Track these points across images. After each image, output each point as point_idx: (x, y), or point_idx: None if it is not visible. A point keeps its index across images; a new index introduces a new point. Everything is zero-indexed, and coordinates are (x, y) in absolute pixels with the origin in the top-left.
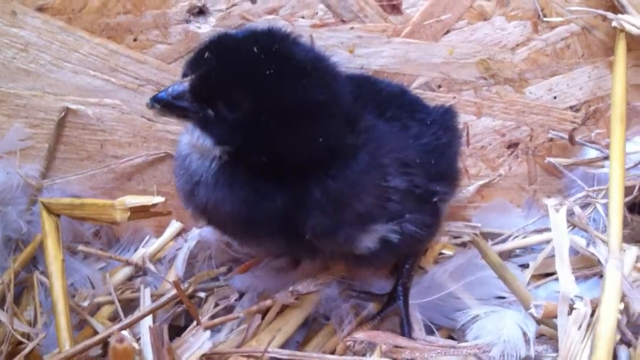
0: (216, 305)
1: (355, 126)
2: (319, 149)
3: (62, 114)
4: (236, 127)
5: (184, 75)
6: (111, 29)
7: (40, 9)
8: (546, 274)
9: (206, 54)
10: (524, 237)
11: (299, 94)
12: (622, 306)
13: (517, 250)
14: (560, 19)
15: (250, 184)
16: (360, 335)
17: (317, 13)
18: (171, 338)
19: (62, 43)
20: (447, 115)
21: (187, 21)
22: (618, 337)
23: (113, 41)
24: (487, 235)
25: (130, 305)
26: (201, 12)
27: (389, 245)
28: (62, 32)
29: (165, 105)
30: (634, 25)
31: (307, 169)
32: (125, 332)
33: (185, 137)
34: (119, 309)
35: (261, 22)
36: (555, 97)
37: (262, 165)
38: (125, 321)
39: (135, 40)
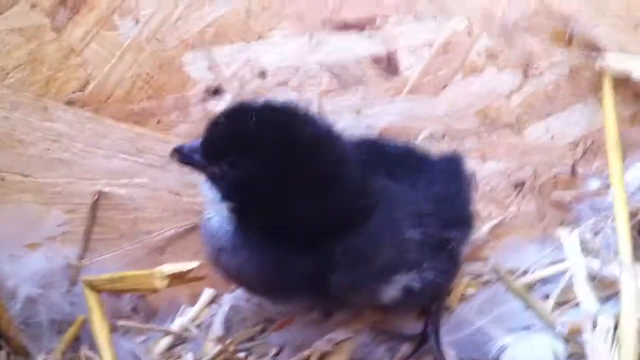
0: None
1: (367, 189)
2: (323, 216)
3: (96, 197)
4: (234, 186)
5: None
6: (136, 114)
7: (70, 103)
8: (566, 301)
9: (221, 118)
10: (542, 269)
11: (289, 167)
12: None
13: (536, 284)
14: (547, 64)
15: (267, 249)
16: None
17: (323, 82)
18: None
19: (92, 131)
20: (453, 163)
21: (205, 101)
22: None
23: (138, 125)
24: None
25: None
26: (217, 91)
27: (411, 293)
28: (91, 122)
29: (182, 156)
30: (616, 63)
31: (320, 234)
32: None
33: (207, 200)
34: None
35: (273, 94)
36: (552, 136)
37: (272, 230)
38: None
39: (158, 122)
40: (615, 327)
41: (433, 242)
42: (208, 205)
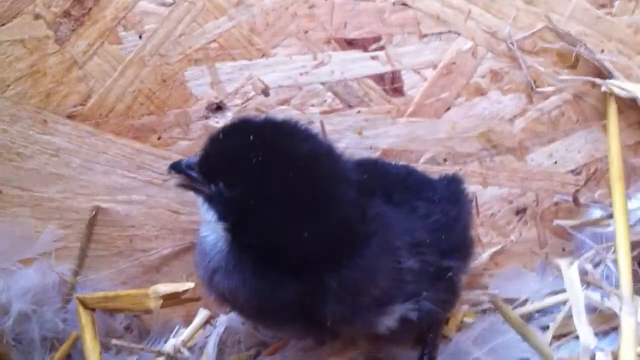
0: None
1: (364, 214)
2: (319, 240)
3: (93, 214)
4: (230, 206)
5: (202, 149)
6: (136, 130)
7: (70, 116)
8: (566, 334)
9: (220, 135)
10: (542, 299)
11: (287, 188)
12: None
13: (535, 314)
14: (552, 88)
15: (261, 272)
16: None
17: (325, 101)
18: None
19: (91, 146)
20: (452, 186)
21: (207, 117)
22: None
23: (138, 141)
24: (504, 301)
25: None
26: (219, 108)
27: (408, 323)
28: (91, 136)
29: (179, 172)
30: (622, 88)
31: (315, 259)
32: None
33: (203, 220)
34: None
35: (275, 113)
36: (555, 162)
37: (268, 253)
38: None
39: (159, 138)
40: None
41: (431, 270)
42: (204, 224)
